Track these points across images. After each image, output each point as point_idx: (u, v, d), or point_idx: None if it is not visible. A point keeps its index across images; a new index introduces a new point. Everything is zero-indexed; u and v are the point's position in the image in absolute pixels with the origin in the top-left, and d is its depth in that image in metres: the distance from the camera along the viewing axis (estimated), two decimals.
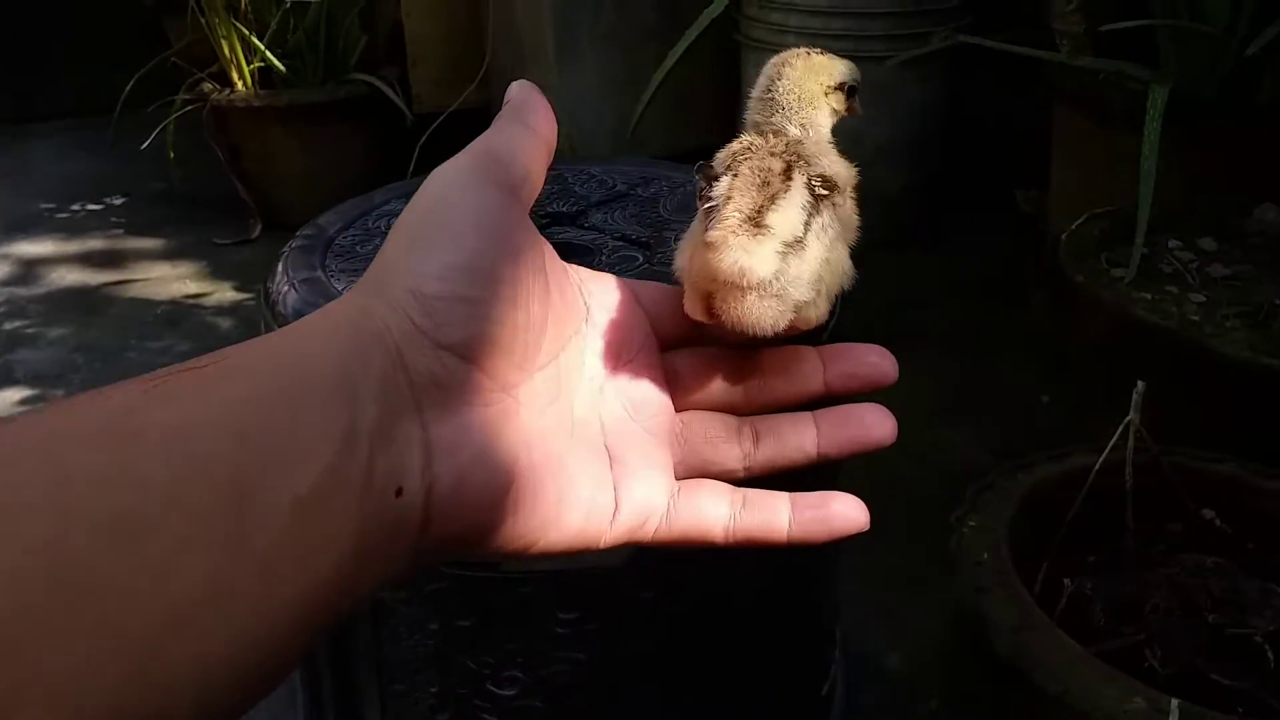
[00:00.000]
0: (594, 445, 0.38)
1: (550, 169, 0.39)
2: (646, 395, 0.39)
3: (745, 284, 0.37)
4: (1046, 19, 1.63)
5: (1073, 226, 1.41)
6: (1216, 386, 1.16)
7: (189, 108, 2.46)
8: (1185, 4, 1.47)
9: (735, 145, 0.43)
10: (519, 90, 0.39)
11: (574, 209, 0.91)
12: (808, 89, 0.45)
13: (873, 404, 0.39)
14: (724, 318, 0.38)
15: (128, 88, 2.57)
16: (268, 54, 2.43)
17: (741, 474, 0.39)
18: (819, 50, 0.47)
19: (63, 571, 0.22)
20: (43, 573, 0.22)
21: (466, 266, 0.32)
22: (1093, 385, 1.41)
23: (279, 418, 0.27)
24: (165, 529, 0.24)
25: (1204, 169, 1.51)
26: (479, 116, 2.45)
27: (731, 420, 0.40)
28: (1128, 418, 1.06)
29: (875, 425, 0.39)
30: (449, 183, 0.35)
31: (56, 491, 0.23)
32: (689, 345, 0.41)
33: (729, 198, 0.38)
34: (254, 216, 2.55)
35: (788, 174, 0.40)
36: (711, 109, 2.37)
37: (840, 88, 0.46)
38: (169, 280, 2.40)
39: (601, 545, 0.37)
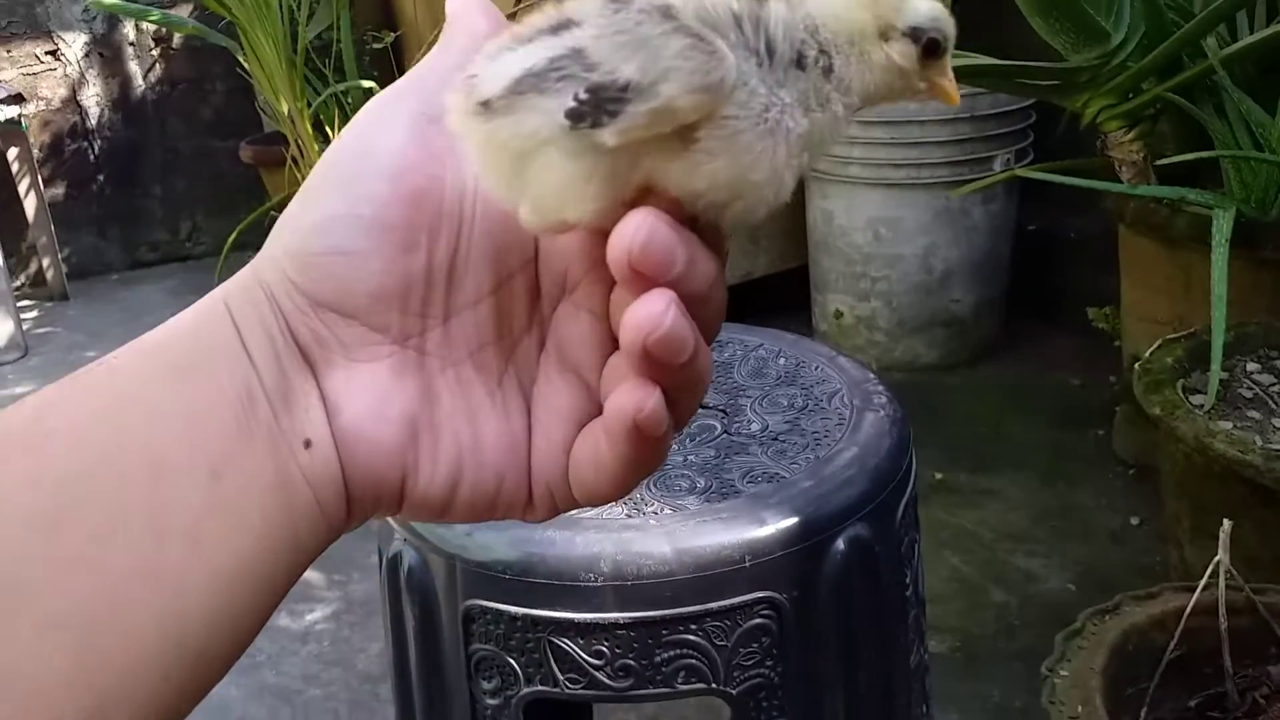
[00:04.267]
0: (518, 402, 0.32)
1: None
2: (581, 342, 0.32)
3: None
4: (1104, 144, 1.67)
5: (1146, 354, 1.42)
6: None
7: None
8: (1247, 134, 1.51)
9: None
10: (453, 2, 0.33)
11: None
12: (854, 16, 0.31)
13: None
14: None
15: (232, 236, 2.76)
16: None
17: None
18: None
19: (3, 567, 0.24)
20: None
21: (346, 215, 0.29)
22: (1179, 514, 1.40)
23: (183, 392, 0.28)
24: (85, 521, 0.25)
25: (1273, 290, 1.52)
26: None
27: None
28: (1216, 557, 1.06)
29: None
30: (365, 118, 0.31)
31: None
32: None
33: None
34: None
35: None
36: (782, 234, 2.49)
37: (913, 35, 0.31)
38: None
39: (526, 517, 0.33)
